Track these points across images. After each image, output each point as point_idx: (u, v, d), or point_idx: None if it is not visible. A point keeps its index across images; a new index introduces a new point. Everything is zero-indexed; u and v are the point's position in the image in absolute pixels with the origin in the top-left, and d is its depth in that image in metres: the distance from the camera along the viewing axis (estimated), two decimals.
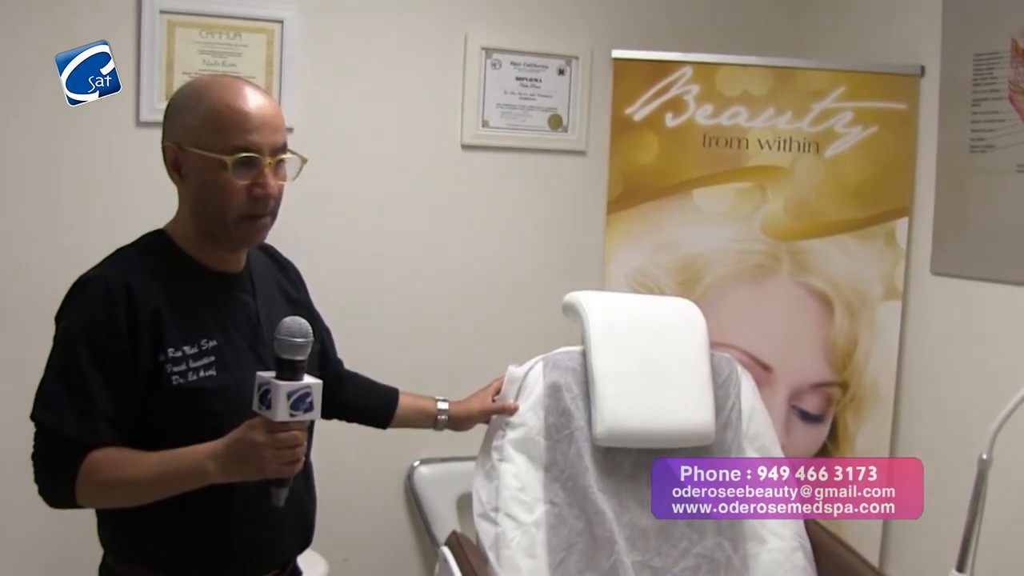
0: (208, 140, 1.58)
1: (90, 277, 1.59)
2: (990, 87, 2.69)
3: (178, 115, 1.62)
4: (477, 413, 2.21)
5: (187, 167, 1.61)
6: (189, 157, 1.60)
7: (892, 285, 2.96)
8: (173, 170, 1.63)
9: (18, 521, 2.60)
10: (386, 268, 3.05)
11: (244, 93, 1.61)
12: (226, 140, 1.57)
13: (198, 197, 1.62)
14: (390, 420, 2.11)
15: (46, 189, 2.70)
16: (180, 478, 1.54)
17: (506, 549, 2.15)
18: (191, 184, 1.62)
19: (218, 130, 1.58)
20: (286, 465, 1.53)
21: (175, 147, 1.61)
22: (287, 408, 1.49)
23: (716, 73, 2.99)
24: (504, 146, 3.13)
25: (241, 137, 1.58)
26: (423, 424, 2.15)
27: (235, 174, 1.58)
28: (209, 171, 1.59)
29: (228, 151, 1.58)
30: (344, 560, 2.97)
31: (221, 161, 1.57)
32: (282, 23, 2.84)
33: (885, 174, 2.97)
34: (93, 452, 1.53)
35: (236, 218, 1.61)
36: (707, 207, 3.00)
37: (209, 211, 1.61)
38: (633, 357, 2.30)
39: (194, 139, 1.59)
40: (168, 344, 1.57)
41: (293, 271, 1.90)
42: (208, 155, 1.58)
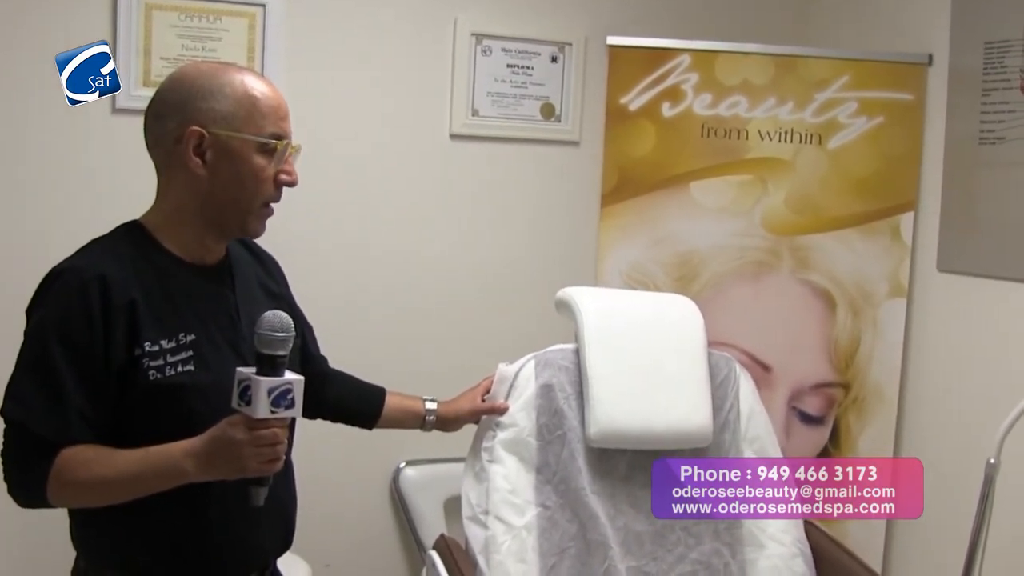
0: (245, 124, 1.59)
1: (63, 269, 1.57)
2: (1001, 76, 2.65)
3: (196, 99, 1.59)
4: (466, 413, 2.19)
5: (215, 151, 1.59)
6: (220, 141, 1.58)
7: (897, 282, 2.92)
8: (194, 155, 1.59)
9: None
10: (371, 263, 3.02)
11: (263, 80, 1.65)
12: (264, 125, 1.60)
13: (224, 183, 1.60)
14: (376, 420, 2.09)
15: (19, 178, 2.66)
16: (156, 477, 1.52)
17: (496, 553, 2.12)
18: (218, 169, 1.60)
19: (255, 115, 1.59)
20: (266, 463, 1.53)
21: (201, 131, 1.58)
22: (268, 405, 1.49)
23: (715, 61, 2.95)
24: (495, 136, 3.10)
25: (276, 124, 1.62)
26: (411, 424, 2.13)
27: (272, 160, 1.61)
28: (245, 156, 1.59)
29: (267, 136, 1.60)
30: (327, 565, 2.95)
31: (261, 144, 1.60)
32: (264, 7, 2.79)
33: (890, 167, 2.93)
34: (65, 450, 1.51)
35: (259, 205, 1.63)
36: (705, 200, 2.95)
37: (232, 197, 1.61)
38: (628, 355, 2.26)
39: (227, 123, 1.58)
40: (145, 338, 1.55)
41: (273, 265, 1.89)
42: (247, 138, 1.59)
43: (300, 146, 1.67)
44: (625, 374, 2.23)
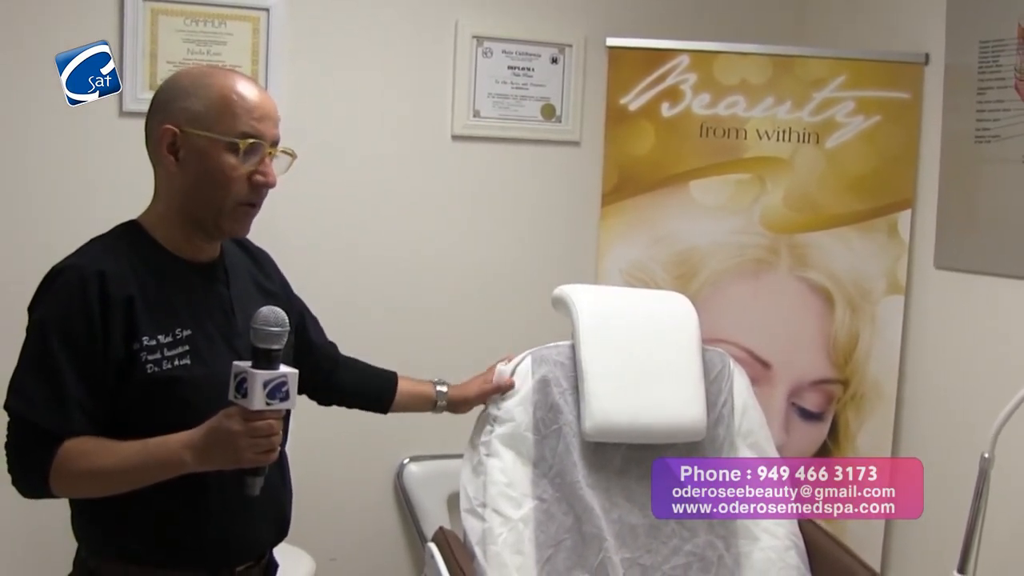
0: (215, 124, 1.60)
1: (64, 267, 1.59)
2: (996, 75, 2.64)
3: (177, 99, 1.62)
4: (475, 395, 2.23)
5: (187, 150, 1.61)
6: (190, 139, 1.60)
7: (895, 279, 2.92)
8: (168, 152, 1.62)
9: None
10: (374, 262, 3.02)
11: (249, 83, 1.66)
12: (234, 125, 1.60)
13: (195, 181, 1.62)
14: (390, 404, 2.12)
15: (26, 179, 2.68)
16: (155, 467, 1.55)
17: (493, 545, 2.14)
18: (189, 168, 1.62)
19: (227, 114, 1.60)
20: (262, 454, 1.55)
21: (174, 129, 1.60)
22: (263, 397, 1.51)
23: (713, 61, 2.95)
24: (496, 137, 3.10)
25: (248, 124, 1.61)
26: (422, 408, 2.16)
27: (241, 159, 1.61)
28: (213, 155, 1.60)
29: (236, 135, 1.60)
30: (332, 559, 2.95)
31: (229, 144, 1.60)
32: (268, 11, 2.82)
33: (887, 165, 2.92)
34: (67, 442, 1.53)
35: (232, 205, 1.63)
36: (704, 199, 2.96)
37: (205, 196, 1.62)
38: (623, 351, 2.28)
39: (199, 122, 1.60)
40: (143, 333, 1.57)
41: (267, 261, 1.90)
42: (215, 137, 1.59)
43: (292, 151, 1.68)
44: (620, 369, 2.25)
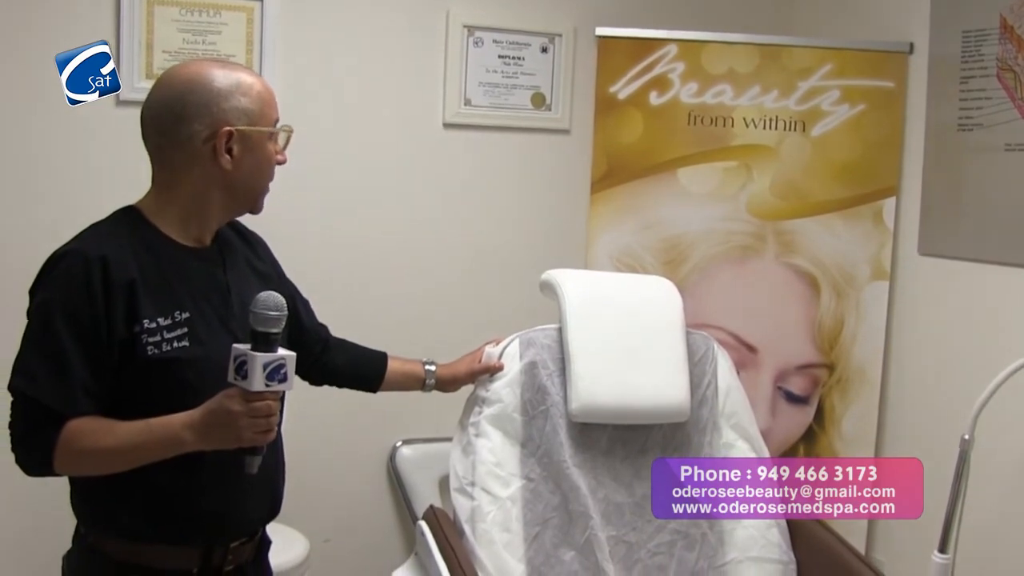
0: (261, 118, 1.69)
1: (66, 251, 1.62)
2: (978, 64, 2.67)
3: (219, 100, 1.66)
4: (464, 374, 2.26)
5: (241, 147, 1.68)
6: (245, 136, 1.68)
7: (879, 266, 2.94)
8: (223, 152, 1.66)
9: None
10: (366, 249, 3.04)
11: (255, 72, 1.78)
12: (272, 115, 1.72)
13: (249, 173, 1.70)
14: (380, 384, 2.16)
15: (25, 169, 2.70)
16: (156, 447, 1.58)
17: (482, 523, 2.17)
18: (243, 163, 1.68)
19: (267, 107, 1.71)
20: (260, 433, 1.59)
21: (231, 130, 1.66)
22: (263, 379, 1.55)
23: (701, 51, 2.98)
24: (487, 125, 3.12)
25: (276, 112, 1.74)
26: (412, 387, 2.21)
27: (279, 145, 1.74)
28: (263, 146, 1.70)
29: (275, 125, 1.72)
30: (326, 540, 2.98)
31: (271, 134, 1.71)
32: (262, 1, 2.83)
33: (872, 153, 2.95)
34: (71, 421, 1.56)
35: (267, 188, 1.75)
36: (692, 186, 2.99)
37: (253, 185, 1.72)
38: (608, 334, 2.30)
39: (251, 119, 1.68)
40: (143, 315, 1.60)
41: (260, 244, 1.93)
42: (267, 130, 1.70)
43: (290, 128, 1.76)
44: (606, 352, 2.27)
